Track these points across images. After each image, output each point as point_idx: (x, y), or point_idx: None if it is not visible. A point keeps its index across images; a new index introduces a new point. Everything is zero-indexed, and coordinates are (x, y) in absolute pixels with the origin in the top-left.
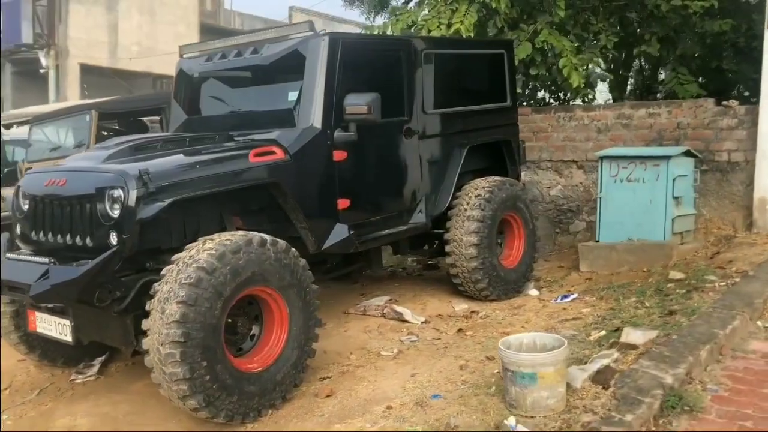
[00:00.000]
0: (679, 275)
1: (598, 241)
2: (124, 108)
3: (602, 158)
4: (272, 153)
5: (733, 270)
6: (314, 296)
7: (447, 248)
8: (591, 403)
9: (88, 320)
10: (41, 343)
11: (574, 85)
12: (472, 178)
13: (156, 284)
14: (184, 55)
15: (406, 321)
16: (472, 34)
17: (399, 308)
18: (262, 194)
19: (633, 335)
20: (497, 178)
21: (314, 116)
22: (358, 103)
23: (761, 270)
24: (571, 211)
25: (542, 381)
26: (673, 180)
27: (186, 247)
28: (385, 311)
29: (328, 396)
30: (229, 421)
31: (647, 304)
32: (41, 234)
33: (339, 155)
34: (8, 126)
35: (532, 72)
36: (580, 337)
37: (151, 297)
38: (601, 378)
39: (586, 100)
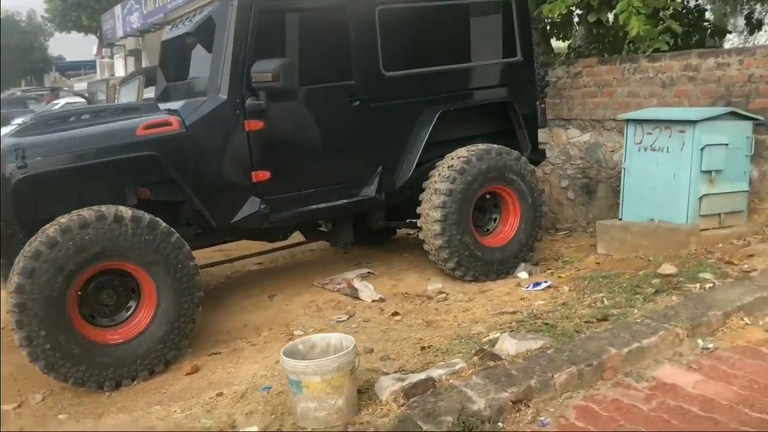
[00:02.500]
0: (670, 269)
1: (621, 219)
2: None
3: (627, 121)
4: (167, 125)
5: (741, 268)
6: (190, 273)
7: (418, 222)
8: (374, 420)
9: None
10: None
11: (633, 34)
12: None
13: None
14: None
15: (359, 299)
16: None
17: (358, 284)
18: (161, 167)
19: (508, 344)
20: (482, 145)
21: (221, 85)
22: (263, 70)
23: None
24: None
25: (308, 391)
26: (701, 150)
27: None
28: (340, 287)
29: (189, 374)
30: (80, 386)
31: (606, 303)
32: None
33: (253, 125)
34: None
35: (590, 19)
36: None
37: None
38: (415, 392)
39: None
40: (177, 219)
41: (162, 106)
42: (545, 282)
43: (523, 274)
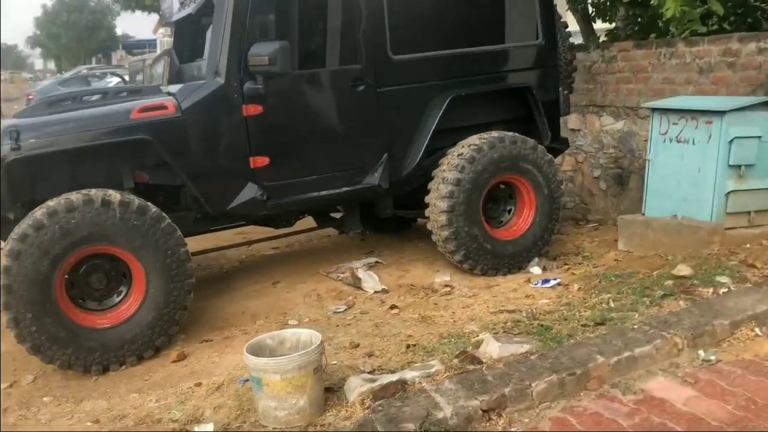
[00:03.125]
0: (686, 271)
1: (643, 215)
2: None
3: (653, 110)
4: (162, 108)
5: (764, 272)
6: (180, 260)
7: (426, 212)
8: (337, 422)
9: None
10: None
11: (669, 15)
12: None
13: None
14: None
15: (361, 289)
16: None
17: (362, 274)
18: (156, 151)
19: (492, 347)
20: (495, 133)
21: (219, 68)
22: (260, 54)
23: None
24: None
25: (268, 389)
26: (729, 142)
27: None
28: (344, 276)
29: (175, 361)
30: (66, 368)
31: (611, 305)
32: None
33: (252, 110)
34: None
35: None
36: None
37: None
38: (384, 394)
39: None
40: (179, 203)
41: (167, 89)
42: (555, 279)
43: (535, 269)
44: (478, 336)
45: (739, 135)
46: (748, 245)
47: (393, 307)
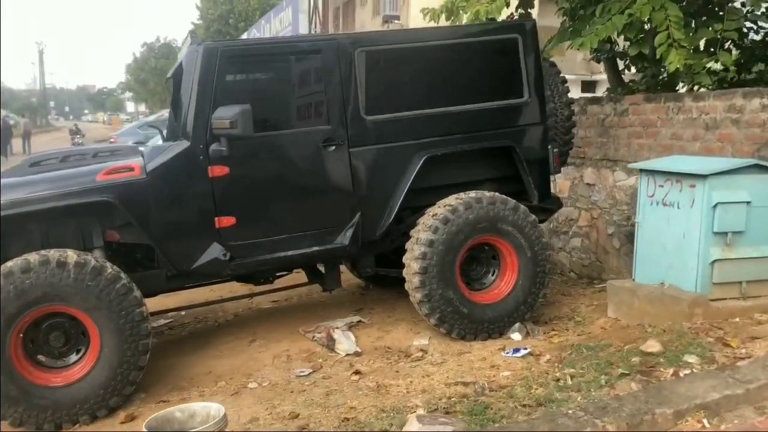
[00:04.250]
0: (655, 347)
1: (633, 280)
2: None
3: (641, 171)
4: (129, 170)
5: (736, 352)
6: (135, 320)
7: (403, 273)
8: None
9: None
10: None
11: (671, 69)
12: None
13: None
14: None
15: (334, 351)
16: (499, 17)
17: (338, 335)
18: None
19: (413, 427)
20: (472, 194)
21: (185, 131)
22: (222, 117)
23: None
24: None
25: None
26: (713, 208)
27: None
28: (319, 336)
29: (123, 422)
30: (19, 426)
31: (568, 382)
32: None
33: (218, 170)
34: None
35: (631, 52)
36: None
37: None
38: None
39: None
40: (153, 260)
41: (145, 148)
42: (525, 349)
43: (515, 335)
44: (414, 412)
45: (724, 200)
46: (737, 319)
47: (356, 372)
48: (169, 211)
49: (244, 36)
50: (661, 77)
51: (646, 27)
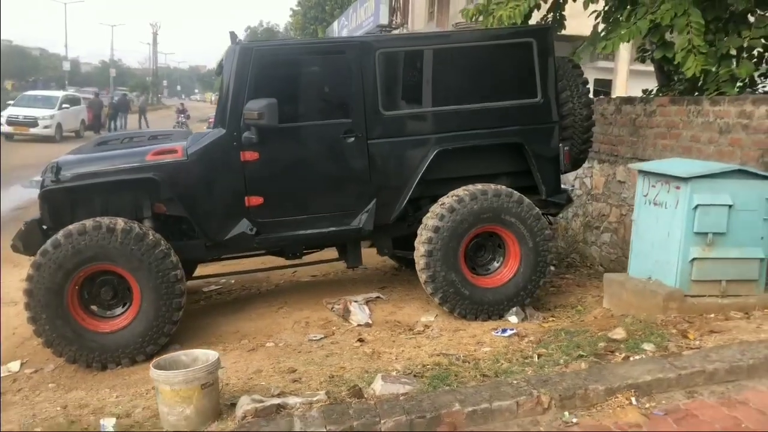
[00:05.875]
0: (620, 334)
1: (628, 274)
2: None
3: (639, 172)
4: (173, 152)
5: (690, 343)
6: (170, 282)
7: (414, 255)
8: None
9: None
10: None
11: (689, 75)
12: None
13: None
14: None
15: (348, 321)
16: (518, 21)
17: (354, 307)
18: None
19: (377, 384)
20: (479, 186)
21: (222, 119)
22: (251, 109)
23: (709, 354)
24: None
25: (161, 397)
26: (693, 209)
27: None
28: (338, 307)
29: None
30: (72, 362)
31: (534, 360)
32: None
33: (249, 155)
34: None
35: (656, 56)
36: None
37: None
38: (262, 414)
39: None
40: (195, 232)
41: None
42: (512, 330)
43: (513, 318)
44: (395, 373)
45: (704, 202)
46: (712, 315)
47: (360, 340)
48: (206, 189)
49: (335, 24)
50: (683, 80)
51: (668, 33)
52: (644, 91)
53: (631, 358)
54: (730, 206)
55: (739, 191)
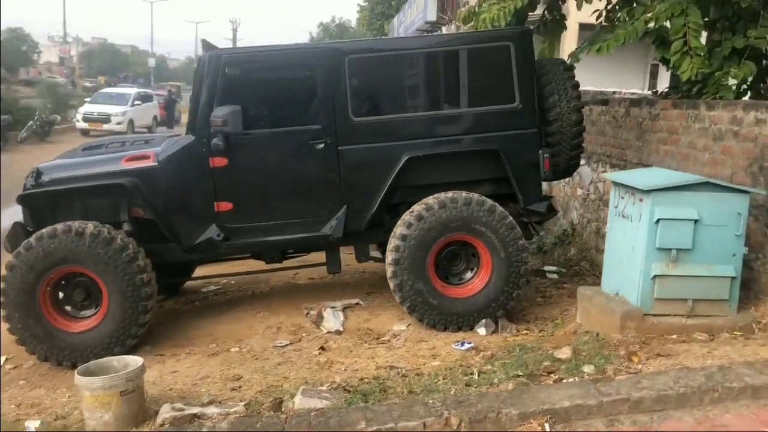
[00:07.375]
0: (565, 354)
1: (601, 288)
2: None
3: (612, 182)
4: (145, 158)
5: (631, 367)
6: (136, 285)
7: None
8: None
9: None
10: None
11: (684, 79)
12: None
13: None
14: None
15: (319, 328)
16: (502, 24)
17: (327, 314)
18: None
19: (297, 399)
20: (450, 194)
21: (192, 126)
22: (216, 116)
23: (641, 381)
24: None
25: (84, 401)
26: (656, 223)
27: None
28: (312, 313)
29: None
30: (44, 360)
31: (474, 377)
32: None
33: (218, 162)
34: None
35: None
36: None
37: None
38: (178, 423)
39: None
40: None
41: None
42: (470, 344)
43: (482, 330)
44: (333, 385)
45: (666, 216)
46: (674, 335)
47: (322, 348)
48: (175, 194)
49: (395, 20)
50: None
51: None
52: (654, 92)
53: (564, 381)
54: (696, 221)
55: (706, 205)
